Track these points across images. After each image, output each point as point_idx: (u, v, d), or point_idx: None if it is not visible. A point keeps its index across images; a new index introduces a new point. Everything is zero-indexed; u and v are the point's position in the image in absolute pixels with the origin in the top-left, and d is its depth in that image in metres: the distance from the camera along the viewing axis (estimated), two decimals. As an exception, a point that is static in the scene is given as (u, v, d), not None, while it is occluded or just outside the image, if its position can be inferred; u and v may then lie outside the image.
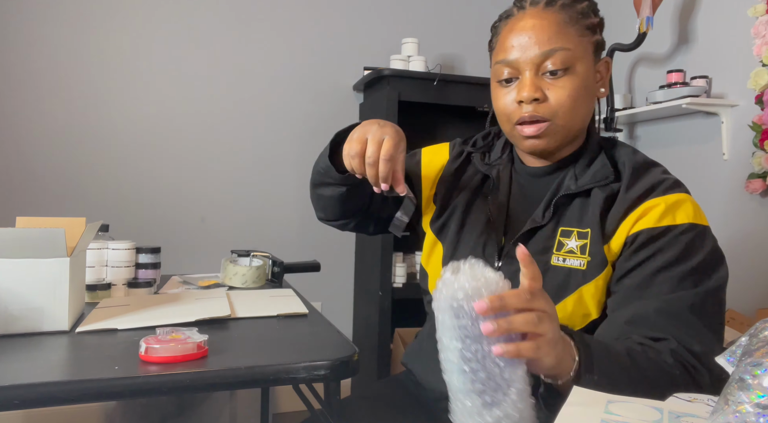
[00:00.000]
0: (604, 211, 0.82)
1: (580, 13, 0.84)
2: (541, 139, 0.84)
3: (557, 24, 0.82)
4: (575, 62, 0.82)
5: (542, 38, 0.81)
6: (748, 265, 1.92)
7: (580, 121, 0.85)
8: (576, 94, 0.82)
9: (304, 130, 2.52)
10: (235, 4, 2.41)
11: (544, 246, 0.84)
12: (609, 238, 0.81)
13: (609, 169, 0.85)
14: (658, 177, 0.84)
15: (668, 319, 0.74)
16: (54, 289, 0.89)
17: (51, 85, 2.20)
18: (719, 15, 2.06)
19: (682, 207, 0.80)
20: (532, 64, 0.82)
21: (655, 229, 0.79)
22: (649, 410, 0.61)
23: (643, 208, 0.80)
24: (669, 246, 0.78)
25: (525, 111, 0.83)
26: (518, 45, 0.83)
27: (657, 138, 2.32)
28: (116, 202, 2.28)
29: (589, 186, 0.84)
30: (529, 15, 0.84)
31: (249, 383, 0.76)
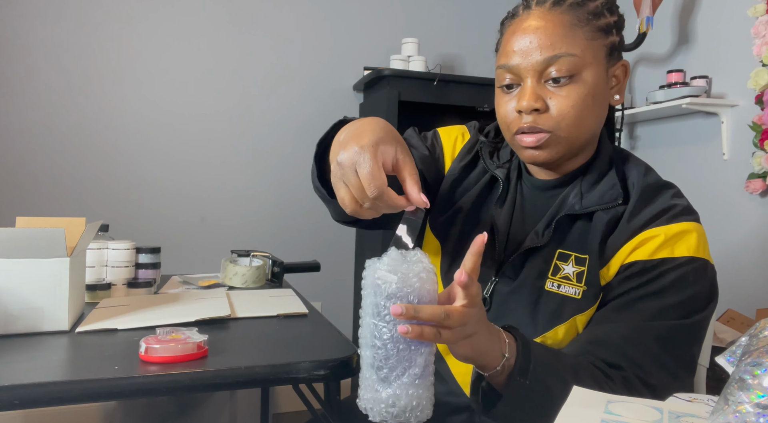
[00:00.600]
0: (605, 236, 0.78)
1: (591, 12, 0.75)
2: (542, 150, 0.77)
3: (563, 26, 0.74)
4: (582, 69, 0.74)
5: (545, 43, 0.74)
6: (748, 265, 1.92)
7: (585, 133, 0.78)
8: (581, 103, 0.75)
9: (305, 130, 2.52)
10: (236, 4, 2.41)
11: (541, 269, 0.80)
12: (604, 264, 0.77)
13: (618, 190, 0.79)
14: (666, 203, 0.78)
15: (631, 347, 0.71)
16: (54, 289, 0.89)
17: (51, 85, 2.20)
18: (719, 15, 2.06)
19: (683, 238, 0.75)
20: (533, 70, 0.75)
21: (649, 261, 0.74)
22: (649, 410, 0.61)
23: (642, 238, 0.75)
24: (659, 277, 0.74)
25: (524, 121, 0.76)
26: (519, 50, 0.76)
27: (657, 138, 2.32)
28: (116, 202, 2.27)
29: (594, 208, 0.79)
30: (534, 16, 0.76)
31: (249, 383, 0.76)
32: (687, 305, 0.73)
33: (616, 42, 0.78)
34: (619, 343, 0.71)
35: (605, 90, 0.78)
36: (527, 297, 0.80)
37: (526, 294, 0.80)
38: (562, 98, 0.75)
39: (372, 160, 0.60)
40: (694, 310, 0.73)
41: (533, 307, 0.79)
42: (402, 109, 2.34)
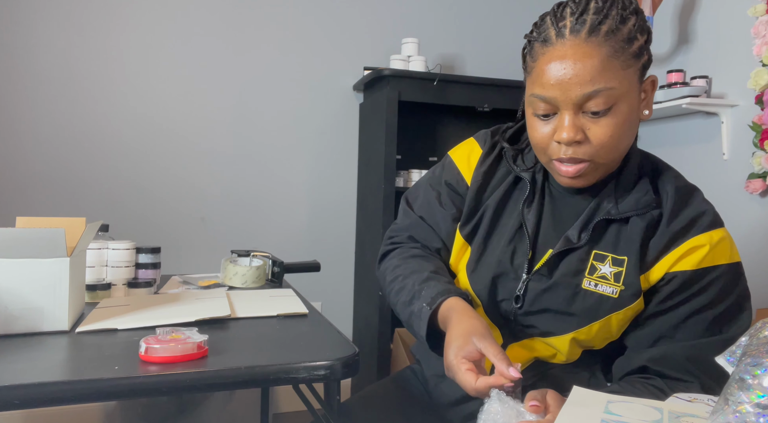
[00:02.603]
0: (645, 240, 0.81)
1: (626, 39, 0.74)
2: (580, 179, 0.80)
3: (601, 60, 0.73)
4: (619, 100, 0.75)
5: (585, 78, 0.73)
6: (748, 265, 1.92)
7: (621, 154, 0.80)
8: (619, 132, 0.76)
9: (305, 129, 2.52)
10: (236, 4, 2.41)
11: (577, 268, 0.83)
12: (648, 269, 0.81)
13: (651, 196, 0.82)
14: (701, 207, 0.82)
15: (696, 365, 0.77)
16: (54, 289, 0.89)
17: (51, 85, 2.20)
18: (719, 15, 2.06)
19: (722, 246, 0.80)
20: (572, 104, 0.75)
21: (695, 271, 0.79)
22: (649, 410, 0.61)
23: (688, 247, 0.79)
24: (705, 290, 0.79)
25: (564, 153, 0.77)
26: (557, 83, 0.74)
27: (657, 138, 2.32)
28: (116, 202, 2.28)
29: (631, 214, 0.81)
30: (570, 47, 0.74)
31: (249, 383, 0.76)
32: (732, 312, 0.80)
33: (647, 61, 0.79)
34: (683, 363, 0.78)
35: (638, 110, 0.79)
36: (563, 294, 0.83)
37: (561, 291, 0.83)
38: (600, 128, 0.75)
39: (458, 372, 0.71)
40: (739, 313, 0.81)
41: (569, 304, 0.83)
42: (402, 109, 2.34)
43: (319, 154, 2.54)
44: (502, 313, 0.90)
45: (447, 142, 2.67)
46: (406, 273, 0.90)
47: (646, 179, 0.84)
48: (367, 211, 2.42)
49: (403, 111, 2.38)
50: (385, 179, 2.22)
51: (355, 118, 2.59)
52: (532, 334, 0.88)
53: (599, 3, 0.76)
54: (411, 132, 2.60)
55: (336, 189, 2.57)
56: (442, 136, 2.67)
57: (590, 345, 0.86)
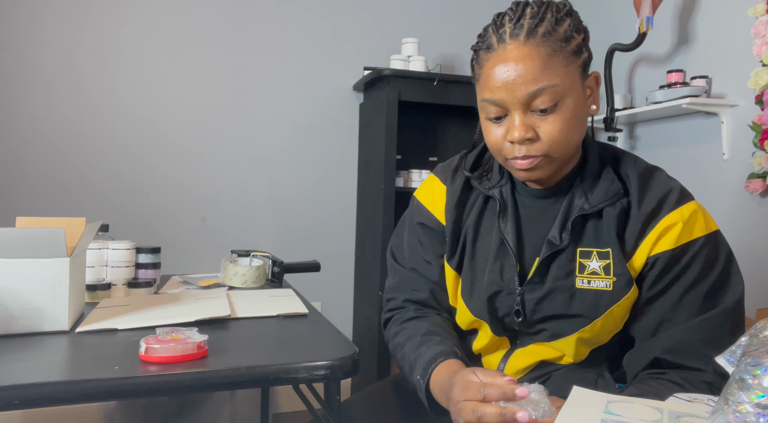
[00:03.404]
0: (620, 229, 0.83)
1: (563, 39, 0.78)
2: (536, 171, 0.82)
3: (541, 58, 0.76)
4: (564, 96, 0.78)
5: (528, 78, 0.76)
6: (748, 265, 1.92)
7: (573, 147, 0.83)
8: (567, 126, 0.79)
9: (304, 129, 2.52)
10: (236, 4, 2.41)
11: (567, 269, 0.84)
12: (630, 256, 0.82)
13: (618, 184, 0.84)
14: (664, 186, 0.84)
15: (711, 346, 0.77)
16: (54, 289, 0.89)
17: (51, 85, 2.20)
18: (719, 15, 2.06)
19: (694, 219, 0.82)
20: (519, 104, 0.78)
21: (675, 249, 0.81)
22: (649, 410, 0.61)
23: (662, 228, 0.81)
24: (690, 264, 0.81)
25: (518, 152, 0.80)
26: (503, 85, 0.78)
27: (657, 138, 2.32)
28: (116, 202, 2.28)
29: (603, 205, 0.83)
30: (511, 50, 0.77)
31: (249, 383, 0.76)
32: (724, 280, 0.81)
33: (587, 58, 0.82)
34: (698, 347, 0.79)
35: (584, 105, 0.83)
36: (561, 298, 0.84)
37: (558, 296, 0.85)
38: (549, 125, 0.78)
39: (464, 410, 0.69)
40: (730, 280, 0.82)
41: (569, 306, 0.84)
42: (402, 109, 2.34)
43: (319, 154, 2.54)
44: (507, 328, 0.91)
45: (447, 142, 2.67)
46: (402, 341, 0.93)
47: (609, 169, 0.86)
48: (367, 211, 2.42)
49: (403, 111, 2.38)
50: (385, 179, 2.22)
51: (355, 118, 2.59)
52: (539, 340, 0.89)
53: (534, 8, 0.80)
54: (411, 132, 2.60)
55: (336, 189, 2.57)
56: (442, 136, 2.67)
57: (596, 341, 0.87)
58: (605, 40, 2.45)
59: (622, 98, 2.34)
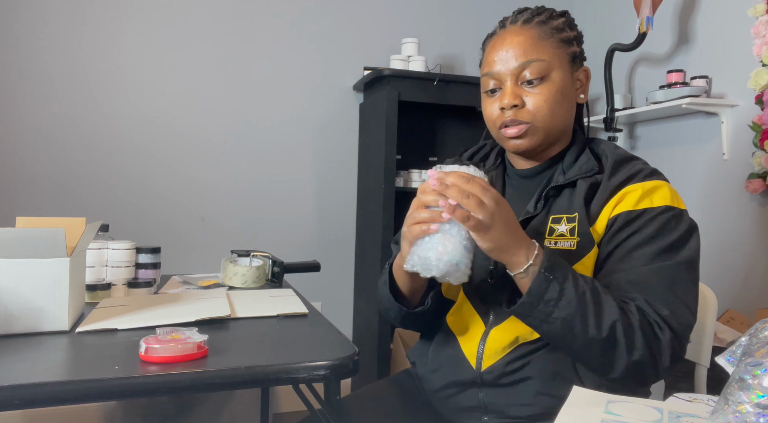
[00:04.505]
0: (588, 197, 0.90)
1: (554, 28, 0.92)
2: (523, 139, 0.92)
3: (533, 38, 0.91)
4: (550, 71, 0.90)
5: (519, 52, 0.90)
6: (748, 265, 1.92)
7: (558, 123, 0.93)
8: (552, 99, 0.90)
9: (304, 129, 2.52)
10: (236, 4, 2.41)
11: (537, 232, 0.92)
12: (594, 221, 0.89)
13: (593, 162, 0.92)
14: (637, 167, 0.90)
15: (638, 288, 0.82)
16: (54, 289, 0.89)
17: (51, 85, 2.20)
18: (719, 15, 2.06)
19: (658, 191, 0.87)
20: (511, 75, 0.91)
21: (633, 211, 0.86)
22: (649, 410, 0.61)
23: (622, 193, 0.87)
24: (646, 225, 0.85)
25: (507, 116, 0.91)
26: (499, 59, 0.92)
27: (657, 138, 2.32)
28: (116, 202, 2.28)
29: (576, 177, 0.91)
30: (509, 32, 0.93)
31: (249, 383, 0.76)
32: (675, 247, 0.84)
33: (577, 52, 0.95)
34: (626, 286, 0.83)
35: (572, 89, 0.94)
36: None
37: None
38: (536, 95, 0.90)
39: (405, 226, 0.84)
40: (682, 250, 0.84)
41: None
42: (402, 109, 2.34)
43: (319, 154, 2.54)
44: (481, 297, 0.95)
45: (447, 142, 2.67)
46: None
47: (588, 151, 0.96)
48: (367, 211, 2.42)
49: (403, 111, 2.38)
50: (385, 179, 2.22)
51: (355, 118, 2.59)
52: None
53: (534, 9, 0.95)
54: (411, 132, 2.60)
55: (336, 189, 2.57)
56: (442, 136, 2.67)
57: None
58: (605, 40, 2.45)
59: (622, 98, 2.34)
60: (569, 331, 0.78)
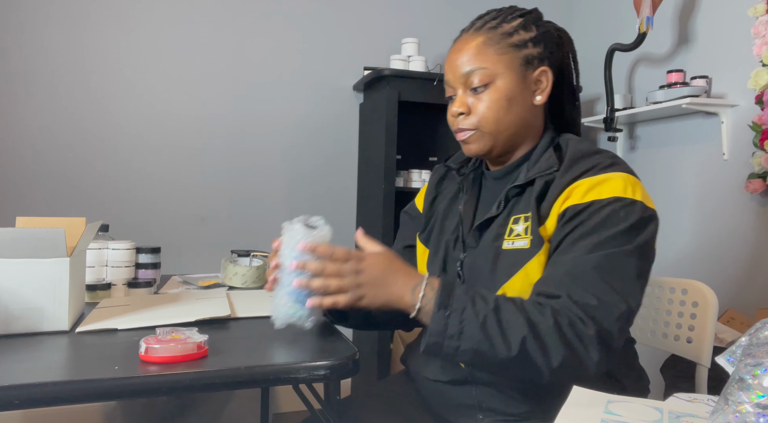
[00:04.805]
0: (540, 195, 0.89)
1: (504, 33, 0.92)
2: (471, 144, 0.95)
3: (477, 46, 0.92)
4: (495, 78, 0.91)
5: (464, 60, 0.93)
6: (748, 265, 1.92)
7: (508, 127, 0.93)
8: (496, 105, 0.91)
9: (304, 130, 2.52)
10: (236, 4, 2.41)
11: (497, 233, 0.92)
12: (545, 219, 0.88)
13: (554, 160, 0.91)
14: (594, 162, 0.88)
15: (570, 278, 0.80)
16: (54, 289, 0.89)
17: (51, 85, 2.20)
18: (719, 15, 2.06)
19: (608, 183, 0.85)
20: (459, 83, 0.94)
21: (579, 204, 0.84)
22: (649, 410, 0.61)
23: (571, 188, 0.86)
24: (591, 216, 0.83)
25: (458, 123, 0.95)
26: (449, 68, 0.96)
27: (657, 138, 2.32)
28: (116, 202, 2.28)
29: (533, 176, 0.91)
30: (461, 40, 0.95)
31: (249, 383, 0.76)
32: (620, 238, 0.81)
33: (533, 54, 0.93)
34: (560, 277, 0.81)
35: (524, 92, 0.93)
36: (487, 257, 0.92)
37: (485, 255, 0.92)
38: (480, 102, 0.93)
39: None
40: (628, 240, 0.81)
41: (493, 265, 0.91)
42: (402, 109, 2.34)
43: (320, 154, 2.54)
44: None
45: (447, 142, 2.67)
46: None
47: (551, 150, 0.94)
48: (367, 211, 2.42)
49: (403, 111, 2.38)
50: (385, 179, 2.22)
51: (355, 118, 2.59)
52: None
53: (493, 12, 0.96)
54: (411, 132, 2.60)
55: (336, 189, 2.57)
56: (442, 136, 2.67)
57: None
58: (605, 40, 2.45)
59: (622, 98, 2.34)
60: (482, 358, 0.77)
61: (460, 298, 0.78)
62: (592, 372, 0.77)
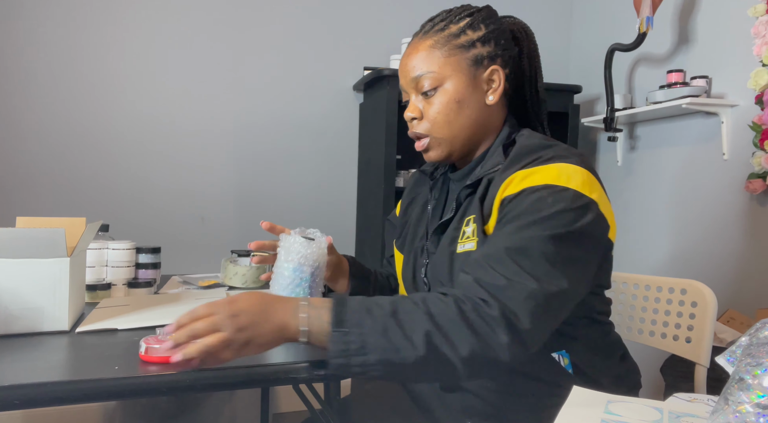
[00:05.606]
0: (483, 194, 0.88)
1: (452, 34, 0.91)
2: (429, 152, 0.94)
3: (424, 50, 0.91)
4: (443, 81, 0.90)
5: (413, 65, 0.92)
6: (748, 265, 1.92)
7: (461, 130, 0.92)
8: (446, 109, 0.90)
9: (304, 130, 2.52)
10: (236, 5, 2.41)
11: (452, 237, 0.90)
12: (488, 218, 0.86)
13: (500, 157, 0.90)
14: (538, 155, 0.85)
15: (484, 259, 0.77)
16: (54, 289, 0.89)
17: (51, 85, 2.20)
18: (719, 15, 2.06)
19: (542, 172, 0.81)
20: (411, 87, 0.94)
21: (512, 194, 0.82)
22: (649, 410, 0.61)
23: (507, 182, 0.83)
24: (519, 203, 0.80)
25: (412, 128, 0.95)
26: (401, 73, 0.95)
27: (657, 138, 2.32)
28: (116, 202, 2.28)
29: (479, 176, 0.89)
30: (411, 45, 0.95)
31: (249, 383, 0.76)
32: (544, 222, 0.76)
33: (482, 53, 0.91)
34: (478, 259, 0.78)
35: (475, 93, 0.92)
36: (443, 262, 0.90)
37: (441, 261, 0.91)
38: (430, 106, 0.92)
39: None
40: (552, 226, 0.76)
41: (449, 270, 0.89)
42: (402, 109, 2.33)
43: (319, 154, 2.54)
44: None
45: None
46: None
47: (501, 148, 0.91)
48: (367, 211, 2.42)
49: (402, 111, 2.38)
50: (385, 179, 2.22)
51: (355, 118, 2.59)
52: None
53: (443, 13, 0.94)
54: (411, 132, 2.60)
55: (336, 189, 2.57)
56: (442, 136, 2.67)
57: None
58: (605, 40, 2.45)
59: (622, 98, 2.34)
60: (393, 367, 0.71)
61: (354, 311, 0.72)
62: (506, 357, 0.71)
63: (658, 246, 2.28)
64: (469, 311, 0.71)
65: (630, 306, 1.31)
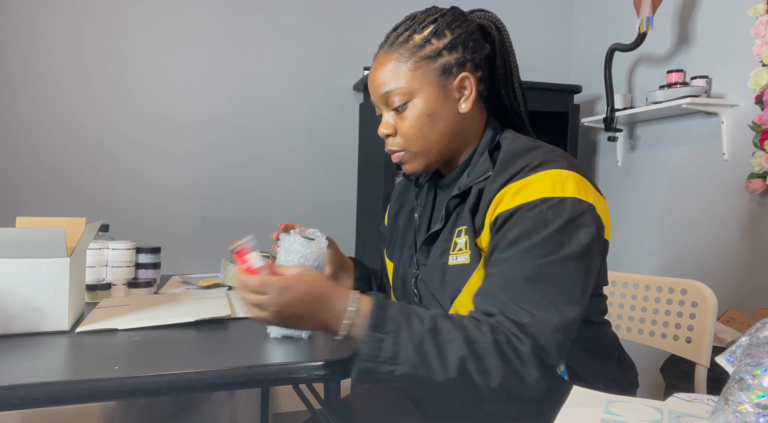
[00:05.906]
0: (474, 205, 0.85)
1: (415, 46, 0.87)
2: (406, 165, 0.93)
3: (389, 66, 0.88)
4: (412, 96, 0.87)
5: (380, 82, 0.89)
6: (748, 265, 1.92)
7: (436, 143, 0.89)
8: (418, 123, 0.88)
9: (304, 130, 2.52)
10: (235, 5, 2.41)
11: (443, 248, 0.88)
12: (480, 231, 0.84)
13: (488, 164, 0.87)
14: (525, 162, 0.83)
15: (503, 293, 0.76)
16: (54, 289, 0.89)
17: (51, 85, 2.20)
18: (719, 15, 2.06)
19: (535, 185, 0.80)
20: (381, 104, 0.91)
21: (507, 211, 0.80)
22: (649, 410, 0.61)
23: (501, 194, 0.81)
24: (518, 223, 0.78)
25: (388, 144, 0.93)
26: (370, 89, 0.92)
27: (657, 138, 2.32)
28: (116, 202, 2.27)
29: (468, 185, 0.87)
30: (376, 60, 0.91)
31: (249, 383, 0.76)
32: (551, 242, 0.76)
33: (449, 62, 0.87)
34: (493, 293, 0.77)
35: (444, 105, 0.88)
36: (434, 274, 0.89)
37: (433, 273, 0.89)
38: (402, 121, 0.89)
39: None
40: (560, 244, 0.76)
41: (441, 282, 0.88)
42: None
43: (319, 154, 2.54)
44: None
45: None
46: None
47: (487, 153, 0.89)
48: (367, 211, 2.42)
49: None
50: (385, 179, 2.22)
51: (355, 118, 2.59)
52: None
53: (408, 21, 0.91)
54: (411, 132, 2.60)
55: (336, 189, 2.57)
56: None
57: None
58: (605, 40, 2.45)
59: (622, 98, 2.34)
60: (418, 382, 0.72)
61: (394, 318, 0.72)
62: (532, 390, 0.73)
63: (658, 246, 2.28)
64: (503, 343, 0.72)
65: (630, 306, 1.31)
